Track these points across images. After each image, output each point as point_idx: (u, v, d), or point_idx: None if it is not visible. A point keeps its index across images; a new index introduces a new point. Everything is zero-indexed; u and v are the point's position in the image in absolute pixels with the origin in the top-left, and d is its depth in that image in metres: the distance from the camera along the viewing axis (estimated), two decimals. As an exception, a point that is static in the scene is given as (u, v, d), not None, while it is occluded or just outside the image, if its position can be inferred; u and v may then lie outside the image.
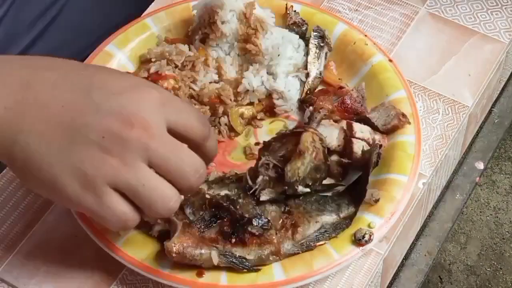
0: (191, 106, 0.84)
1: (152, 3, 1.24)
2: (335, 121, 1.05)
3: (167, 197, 0.79)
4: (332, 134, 1.03)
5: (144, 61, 1.13)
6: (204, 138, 0.82)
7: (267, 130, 1.10)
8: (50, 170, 0.77)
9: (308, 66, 1.12)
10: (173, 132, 0.79)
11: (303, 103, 1.10)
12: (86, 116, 0.77)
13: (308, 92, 1.11)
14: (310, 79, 1.11)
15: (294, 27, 1.14)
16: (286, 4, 1.16)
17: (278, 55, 1.10)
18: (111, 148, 0.76)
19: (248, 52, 1.10)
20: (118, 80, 0.80)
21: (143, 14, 1.20)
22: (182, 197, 0.82)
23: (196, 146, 0.82)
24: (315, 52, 1.12)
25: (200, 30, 1.13)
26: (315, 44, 1.12)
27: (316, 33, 1.13)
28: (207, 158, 0.83)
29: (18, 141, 0.78)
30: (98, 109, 0.77)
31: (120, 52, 1.13)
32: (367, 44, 1.13)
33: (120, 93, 0.78)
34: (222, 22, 1.11)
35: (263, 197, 0.94)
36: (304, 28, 1.14)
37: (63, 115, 0.77)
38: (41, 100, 0.78)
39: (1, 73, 0.79)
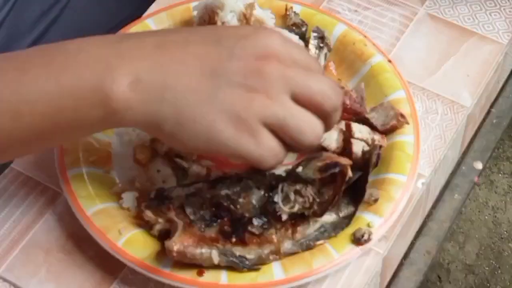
0: (303, 48, 0.92)
1: (153, 4, 1.24)
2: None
3: (313, 123, 0.83)
4: (331, 136, 1.03)
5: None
6: (320, 70, 0.87)
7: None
8: (204, 120, 0.80)
9: None
10: None
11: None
12: (224, 62, 0.80)
13: None
14: None
15: (294, 28, 1.15)
16: (286, 5, 1.17)
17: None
18: (256, 85, 0.80)
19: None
20: (240, 28, 0.87)
21: (143, 15, 1.20)
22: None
23: None
24: (314, 53, 1.12)
25: None
26: (314, 45, 1.13)
27: (315, 34, 1.13)
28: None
29: (166, 98, 0.79)
30: (233, 53, 0.80)
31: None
32: (366, 45, 1.14)
33: (247, 36, 0.82)
34: (222, 23, 1.11)
35: (284, 217, 0.95)
36: (304, 29, 1.15)
37: (202, 66, 0.80)
38: (177, 57, 0.80)
39: (134, 41, 0.82)
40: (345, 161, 0.95)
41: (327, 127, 0.87)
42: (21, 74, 0.79)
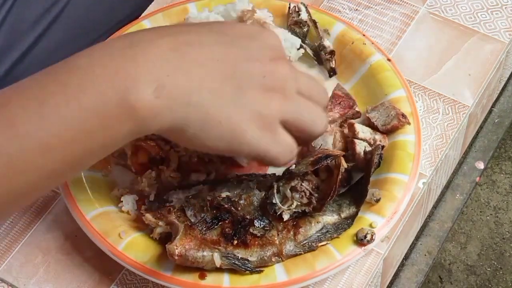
0: None
1: (152, 4, 1.23)
2: (330, 122, 1.05)
3: (321, 114, 0.90)
4: (327, 141, 1.03)
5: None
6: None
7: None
8: (229, 121, 0.82)
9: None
10: None
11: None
12: (242, 63, 0.83)
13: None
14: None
15: (296, 28, 1.14)
16: (289, 4, 1.16)
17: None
18: (273, 84, 0.84)
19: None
20: (244, 27, 0.88)
21: (141, 16, 1.20)
22: None
23: None
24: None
25: None
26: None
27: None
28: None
29: (192, 102, 0.80)
30: (248, 55, 0.83)
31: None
32: (365, 44, 1.13)
33: (255, 36, 0.86)
34: None
35: (285, 217, 0.94)
36: (305, 30, 1.14)
37: (222, 68, 0.82)
38: (196, 60, 0.81)
39: (145, 46, 0.79)
40: (337, 152, 0.96)
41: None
42: (40, 106, 0.74)
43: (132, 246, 0.95)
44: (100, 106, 0.76)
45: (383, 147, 1.01)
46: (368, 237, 0.95)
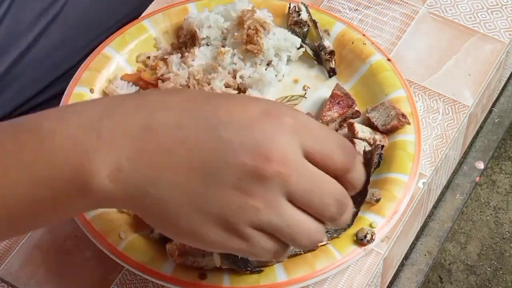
0: (331, 131, 0.75)
1: (152, 4, 1.23)
2: (329, 121, 1.05)
3: (310, 231, 0.73)
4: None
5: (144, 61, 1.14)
6: (346, 169, 0.74)
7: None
8: (189, 220, 0.71)
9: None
10: (310, 159, 0.72)
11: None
12: (217, 157, 0.70)
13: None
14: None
15: (296, 28, 1.14)
16: (289, 4, 1.16)
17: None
18: (251, 189, 0.70)
19: (249, 51, 1.09)
20: (246, 108, 0.71)
21: (141, 16, 1.20)
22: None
23: (337, 176, 0.74)
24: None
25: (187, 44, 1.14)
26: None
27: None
28: (351, 187, 0.75)
29: (149, 193, 0.71)
30: (229, 148, 0.70)
31: (118, 55, 1.13)
32: (365, 44, 1.13)
33: (250, 126, 0.70)
34: (203, 38, 1.11)
35: None
36: (305, 30, 1.14)
37: (191, 159, 0.70)
38: (165, 145, 0.70)
39: (117, 119, 0.71)
40: None
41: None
42: None
43: (132, 246, 0.95)
44: (50, 178, 0.71)
45: (382, 146, 1.01)
46: (368, 237, 0.95)
